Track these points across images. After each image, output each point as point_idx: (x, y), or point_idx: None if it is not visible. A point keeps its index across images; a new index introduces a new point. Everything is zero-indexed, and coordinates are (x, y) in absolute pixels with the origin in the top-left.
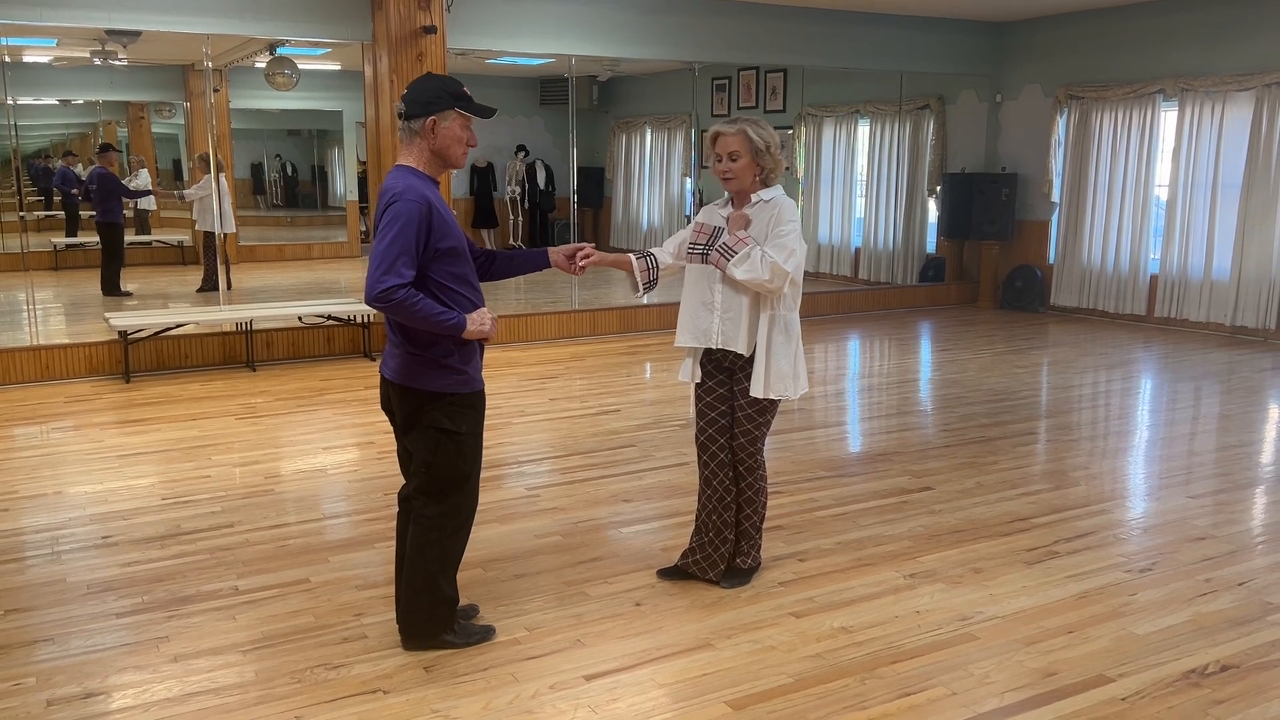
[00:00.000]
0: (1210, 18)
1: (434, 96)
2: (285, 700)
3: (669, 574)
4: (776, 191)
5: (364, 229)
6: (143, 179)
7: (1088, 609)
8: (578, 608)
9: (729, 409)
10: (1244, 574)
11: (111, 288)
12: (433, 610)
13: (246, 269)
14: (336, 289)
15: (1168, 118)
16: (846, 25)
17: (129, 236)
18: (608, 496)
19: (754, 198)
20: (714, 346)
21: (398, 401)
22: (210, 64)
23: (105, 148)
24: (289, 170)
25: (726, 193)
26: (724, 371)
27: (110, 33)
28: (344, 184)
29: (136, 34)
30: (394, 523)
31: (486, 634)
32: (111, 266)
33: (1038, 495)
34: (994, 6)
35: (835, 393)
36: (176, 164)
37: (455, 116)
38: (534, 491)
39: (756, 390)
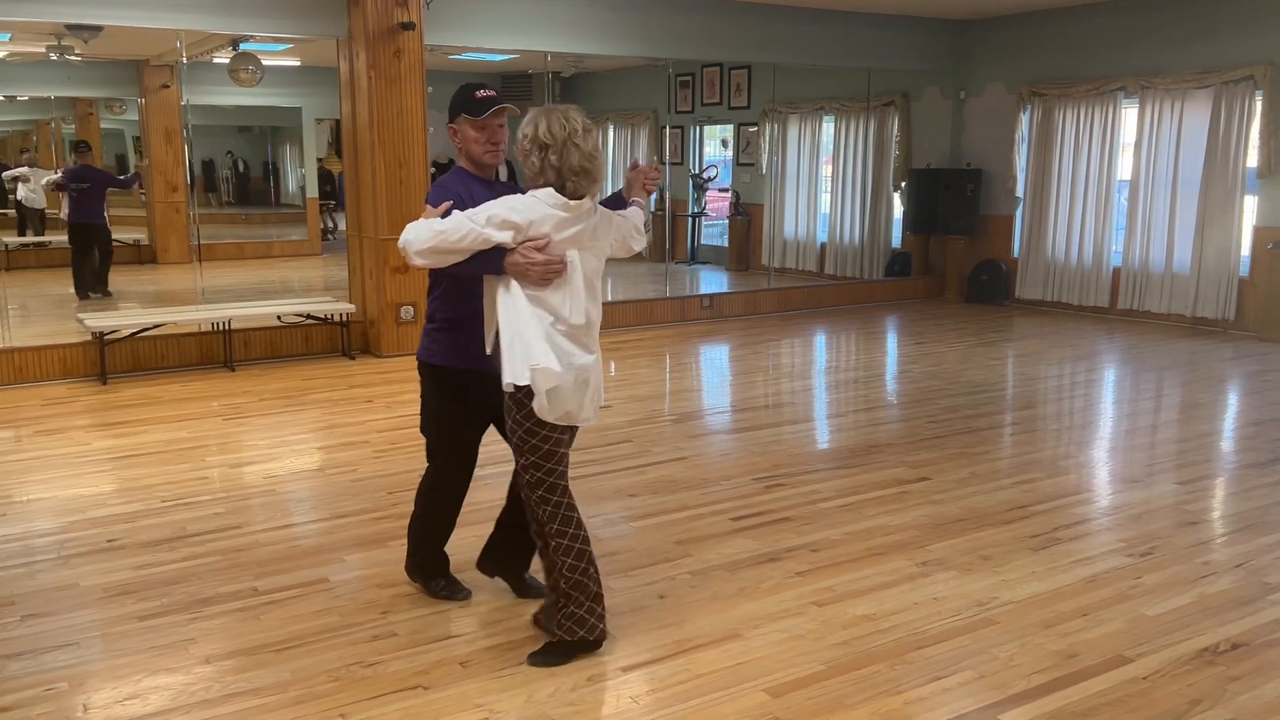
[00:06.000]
0: (1170, 17)
1: (451, 107)
2: (327, 699)
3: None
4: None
5: (324, 226)
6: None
7: (1097, 592)
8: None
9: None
10: (1239, 556)
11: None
12: None
13: (205, 268)
14: (304, 287)
15: (1128, 115)
16: (812, 22)
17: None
18: (612, 492)
19: None
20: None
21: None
22: (185, 59)
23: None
24: (241, 168)
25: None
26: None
27: (70, 27)
28: (305, 181)
29: (98, 29)
30: (402, 522)
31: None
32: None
33: (1032, 484)
34: (958, 5)
35: (820, 386)
36: (120, 159)
37: (465, 121)
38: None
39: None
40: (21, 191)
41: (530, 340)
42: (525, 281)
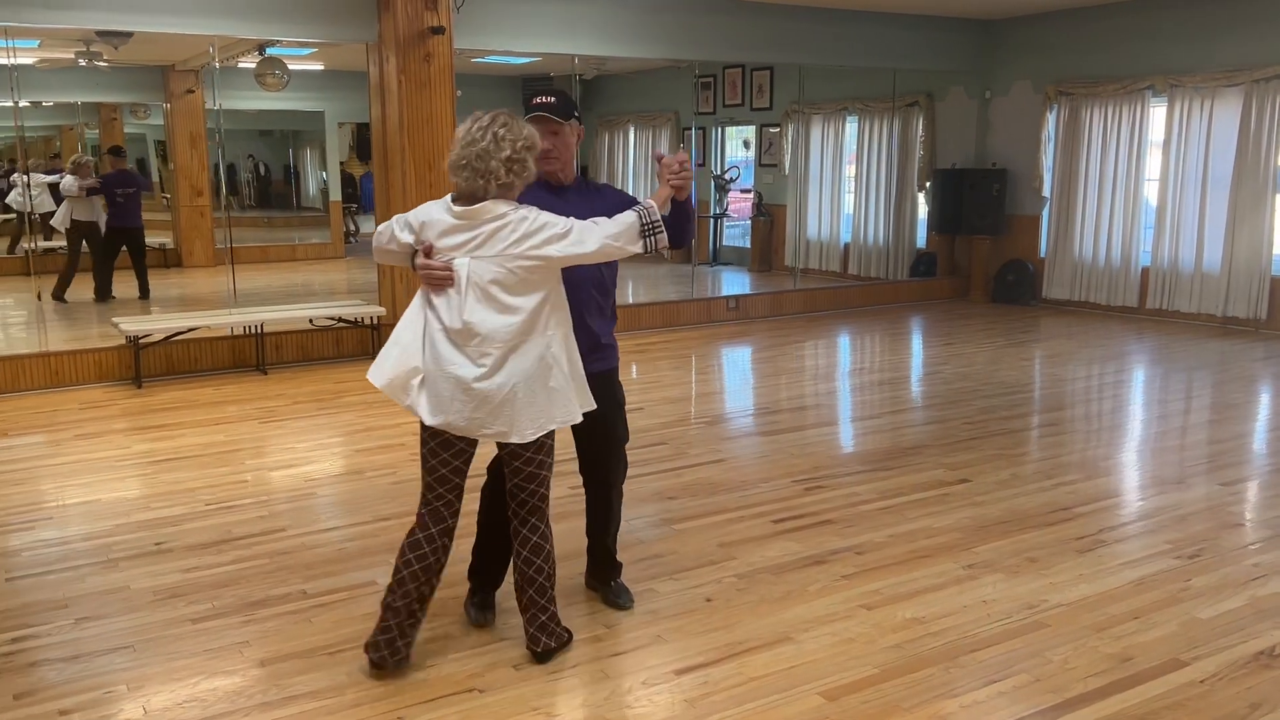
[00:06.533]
0: (1199, 14)
1: None
2: (384, 701)
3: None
4: None
5: (347, 229)
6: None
7: (1147, 595)
8: (650, 604)
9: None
10: None
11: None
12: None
13: (227, 272)
14: (329, 290)
15: (1157, 113)
16: (836, 23)
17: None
18: (651, 494)
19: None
20: None
21: (603, 389)
22: (218, 64)
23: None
24: (261, 171)
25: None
26: None
27: (101, 34)
28: (327, 185)
29: (128, 35)
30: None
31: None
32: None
33: (1073, 485)
34: (983, 4)
35: (852, 387)
36: (141, 163)
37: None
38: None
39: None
40: (11, 196)
41: (394, 344)
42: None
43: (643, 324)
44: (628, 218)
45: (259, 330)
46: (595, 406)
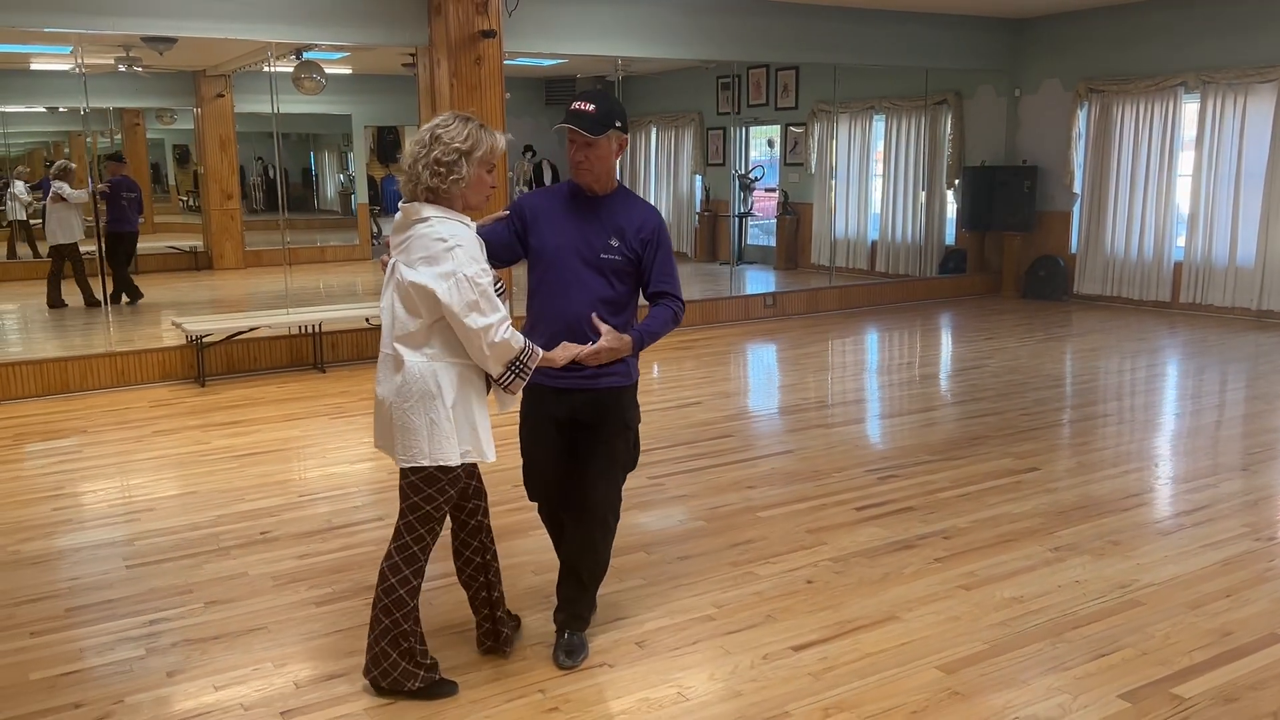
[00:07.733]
0: (1231, 11)
1: None
2: (521, 676)
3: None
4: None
5: (375, 231)
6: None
7: (1235, 574)
8: (753, 586)
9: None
10: None
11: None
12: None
13: (256, 274)
14: (363, 291)
15: (1189, 109)
16: (865, 23)
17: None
18: (730, 483)
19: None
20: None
21: (611, 406)
22: (270, 67)
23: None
24: (284, 175)
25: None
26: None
27: (146, 39)
28: (355, 187)
29: (173, 41)
30: (536, 511)
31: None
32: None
33: (1139, 473)
34: (1012, 3)
35: (901, 381)
36: (156, 167)
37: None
38: (656, 480)
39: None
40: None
41: None
42: None
43: (684, 321)
44: (517, 342)
45: (317, 329)
46: (491, 459)
